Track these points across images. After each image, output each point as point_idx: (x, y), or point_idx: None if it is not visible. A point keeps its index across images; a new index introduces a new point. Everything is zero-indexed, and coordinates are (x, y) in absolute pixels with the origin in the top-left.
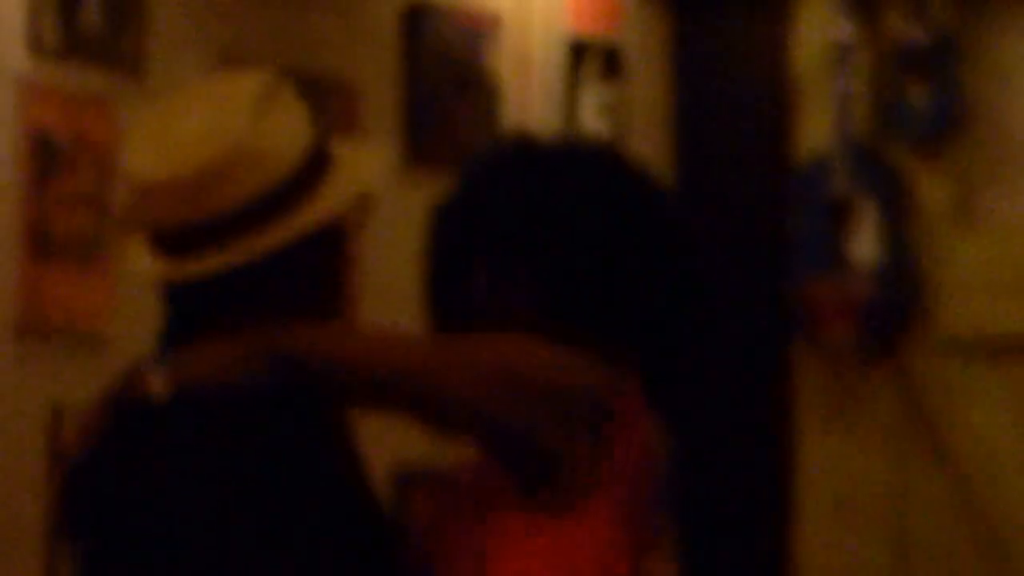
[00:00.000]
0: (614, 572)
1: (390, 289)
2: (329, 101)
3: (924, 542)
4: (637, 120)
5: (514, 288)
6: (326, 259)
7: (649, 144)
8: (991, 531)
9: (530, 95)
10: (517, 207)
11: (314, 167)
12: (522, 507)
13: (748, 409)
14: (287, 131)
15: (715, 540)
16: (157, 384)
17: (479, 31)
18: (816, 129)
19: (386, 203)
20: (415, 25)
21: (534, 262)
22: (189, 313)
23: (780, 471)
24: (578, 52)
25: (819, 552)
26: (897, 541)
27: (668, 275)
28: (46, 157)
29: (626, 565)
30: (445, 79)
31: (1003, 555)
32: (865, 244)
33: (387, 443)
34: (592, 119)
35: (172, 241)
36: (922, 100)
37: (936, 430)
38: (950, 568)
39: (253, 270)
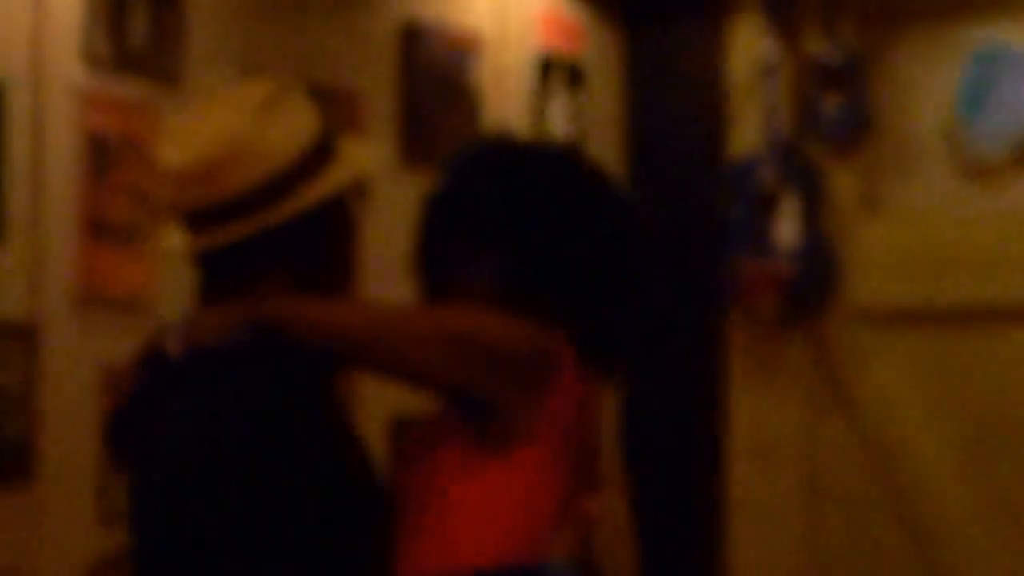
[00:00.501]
0: (542, 510)
1: (387, 270)
2: (336, 106)
3: (832, 480)
4: (596, 124)
5: (480, 266)
6: (331, 236)
7: (606, 144)
8: (889, 470)
9: (506, 104)
10: (485, 198)
11: (318, 158)
12: (468, 449)
13: (688, 368)
14: (289, 129)
15: (658, 479)
16: (172, 343)
17: (464, 49)
18: (746, 132)
19: (383, 197)
20: (410, 43)
21: (497, 244)
22: (214, 281)
23: (713, 421)
24: (546, 67)
25: (745, 489)
26: (810, 479)
27: (616, 255)
28: (100, 155)
29: (554, 505)
30: (434, 90)
31: (898, 489)
32: (787, 229)
33: (388, 394)
34: (558, 123)
35: (193, 221)
36: (835, 108)
37: (844, 385)
38: (854, 500)
39: (268, 243)
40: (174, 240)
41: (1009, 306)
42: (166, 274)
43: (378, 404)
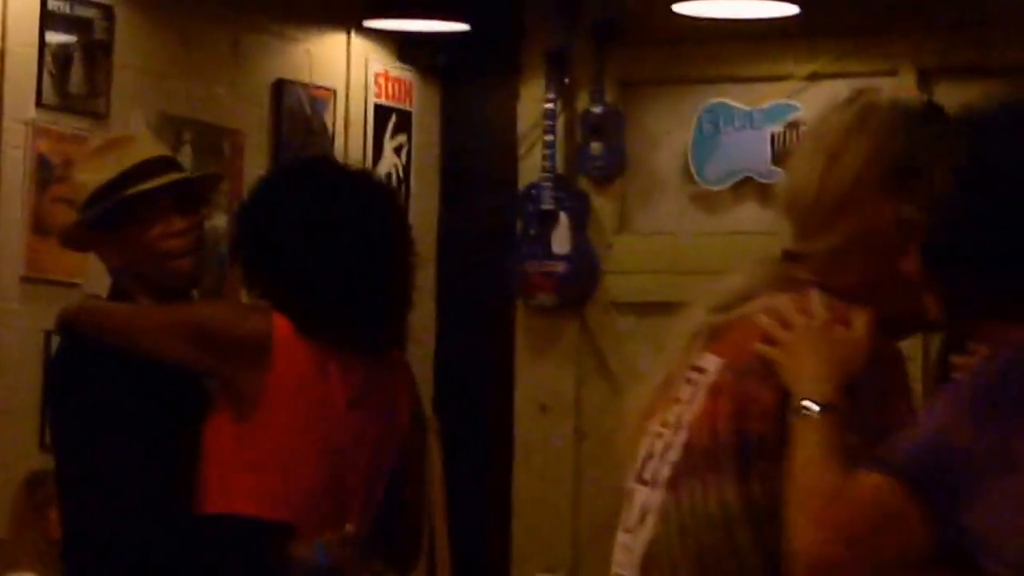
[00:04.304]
0: (291, 465)
1: None
2: (225, 141)
3: (594, 431)
4: (419, 158)
5: (252, 270)
6: (144, 236)
7: (427, 174)
8: None
9: (352, 141)
10: (257, 211)
11: (137, 178)
12: (222, 412)
13: (485, 346)
14: (97, 170)
15: (461, 430)
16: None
17: (320, 99)
18: (532, 166)
19: None
20: (280, 94)
21: (263, 253)
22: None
23: (505, 387)
24: (382, 114)
25: (530, 438)
26: (577, 430)
27: (374, 261)
28: (44, 173)
29: (298, 461)
30: (298, 130)
31: None
32: (562, 240)
33: None
34: (390, 159)
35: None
36: (599, 151)
37: (604, 359)
38: (610, 446)
39: (101, 246)
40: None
41: None
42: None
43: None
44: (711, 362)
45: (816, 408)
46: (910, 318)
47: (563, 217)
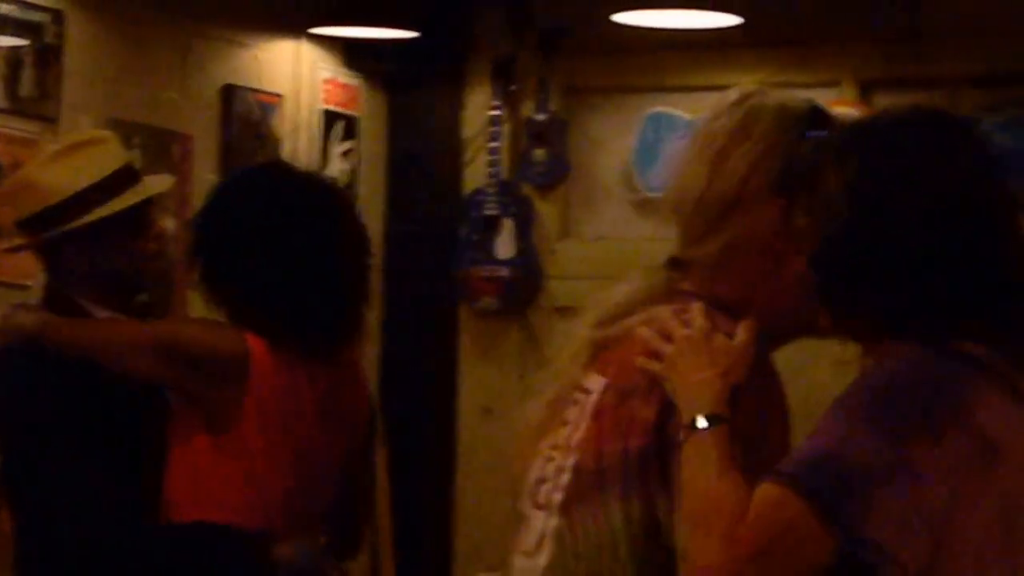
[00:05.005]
0: (267, 476)
1: None
2: (174, 145)
3: None
4: (365, 164)
5: (211, 280)
6: (119, 245)
7: (373, 179)
8: None
9: (299, 146)
10: (215, 219)
11: (109, 189)
12: (195, 425)
13: (430, 348)
14: (74, 172)
15: (405, 431)
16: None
17: (268, 104)
18: (477, 172)
19: None
20: (228, 98)
21: (223, 262)
22: (48, 272)
23: (448, 389)
24: (330, 120)
25: (473, 440)
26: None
27: (335, 267)
28: None
29: (273, 474)
30: (246, 134)
31: None
32: (505, 245)
33: None
34: (337, 163)
35: (18, 229)
36: (543, 157)
37: (546, 361)
38: None
39: (63, 252)
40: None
41: None
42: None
43: None
44: (595, 382)
45: (706, 423)
46: (790, 326)
47: (507, 223)
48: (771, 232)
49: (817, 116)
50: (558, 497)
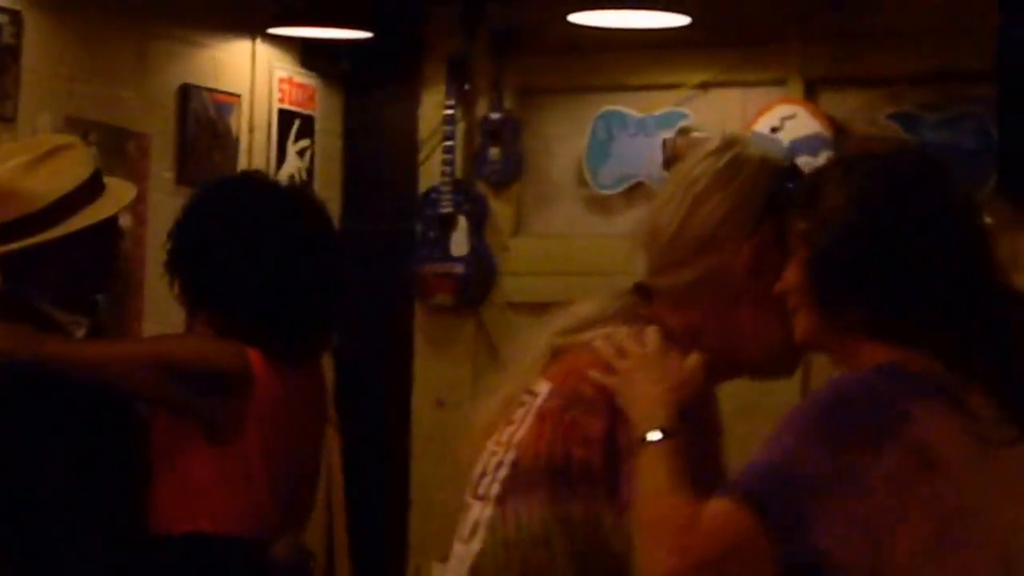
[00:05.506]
0: (269, 484)
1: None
2: (130, 144)
3: None
4: (322, 163)
5: (190, 290)
6: (95, 252)
7: (329, 178)
8: None
9: (256, 145)
10: (178, 226)
11: (87, 195)
12: (192, 437)
13: (386, 342)
14: (55, 178)
15: (361, 424)
16: None
17: (225, 104)
18: (432, 170)
19: (163, 211)
20: (185, 98)
21: (181, 266)
22: (10, 283)
23: (403, 383)
24: (286, 119)
25: (427, 432)
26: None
27: (316, 276)
28: None
29: (267, 486)
30: (203, 133)
31: None
32: (460, 242)
33: None
34: (293, 162)
35: None
36: (497, 156)
37: (499, 355)
38: None
39: (38, 258)
40: None
41: None
42: None
43: None
44: (543, 387)
45: (659, 436)
46: (732, 364)
47: (461, 220)
48: (743, 271)
49: (795, 172)
50: (496, 489)
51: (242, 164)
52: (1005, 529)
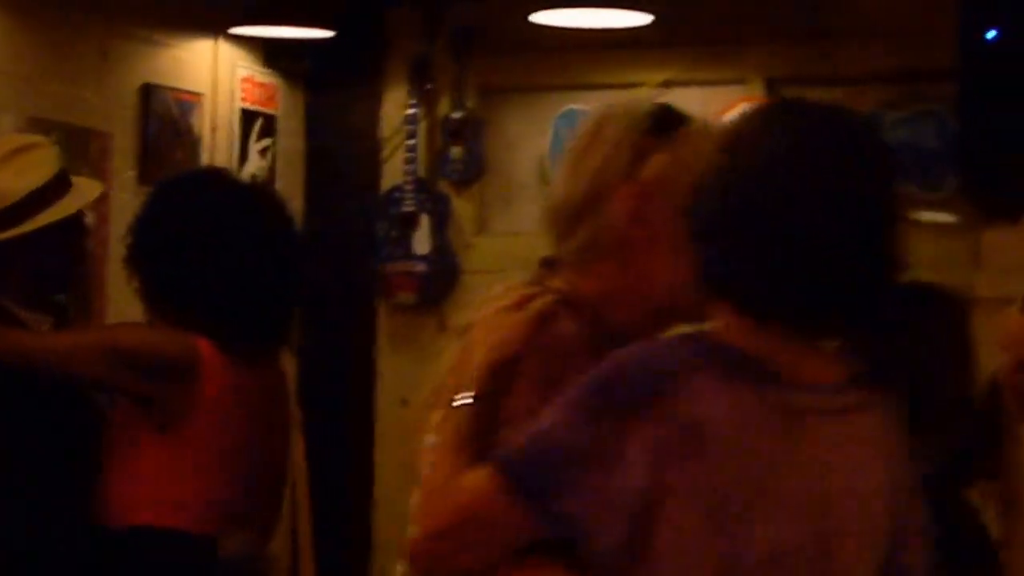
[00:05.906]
0: (217, 475)
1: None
2: (92, 143)
3: None
4: (284, 161)
5: (150, 286)
6: (61, 249)
7: (291, 177)
8: None
9: (218, 144)
10: (139, 223)
11: (55, 192)
12: (139, 427)
13: (349, 341)
14: (18, 177)
15: (324, 422)
16: None
17: (188, 102)
18: (395, 169)
19: (125, 208)
20: (147, 97)
21: (143, 262)
22: None
23: (366, 382)
24: (248, 118)
25: (391, 431)
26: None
27: (275, 271)
28: None
29: (218, 476)
30: (165, 133)
31: None
32: (422, 241)
33: None
34: (256, 161)
35: None
36: (459, 155)
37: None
38: None
39: (3, 255)
40: None
41: None
42: None
43: None
44: (448, 363)
45: (459, 399)
46: (668, 309)
47: (424, 219)
48: (626, 220)
49: (666, 114)
50: (427, 472)
51: (204, 163)
52: (820, 501)
